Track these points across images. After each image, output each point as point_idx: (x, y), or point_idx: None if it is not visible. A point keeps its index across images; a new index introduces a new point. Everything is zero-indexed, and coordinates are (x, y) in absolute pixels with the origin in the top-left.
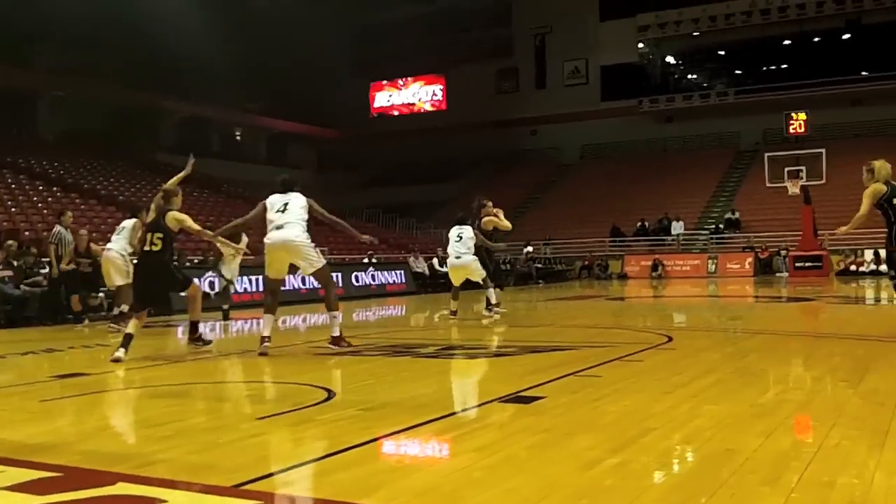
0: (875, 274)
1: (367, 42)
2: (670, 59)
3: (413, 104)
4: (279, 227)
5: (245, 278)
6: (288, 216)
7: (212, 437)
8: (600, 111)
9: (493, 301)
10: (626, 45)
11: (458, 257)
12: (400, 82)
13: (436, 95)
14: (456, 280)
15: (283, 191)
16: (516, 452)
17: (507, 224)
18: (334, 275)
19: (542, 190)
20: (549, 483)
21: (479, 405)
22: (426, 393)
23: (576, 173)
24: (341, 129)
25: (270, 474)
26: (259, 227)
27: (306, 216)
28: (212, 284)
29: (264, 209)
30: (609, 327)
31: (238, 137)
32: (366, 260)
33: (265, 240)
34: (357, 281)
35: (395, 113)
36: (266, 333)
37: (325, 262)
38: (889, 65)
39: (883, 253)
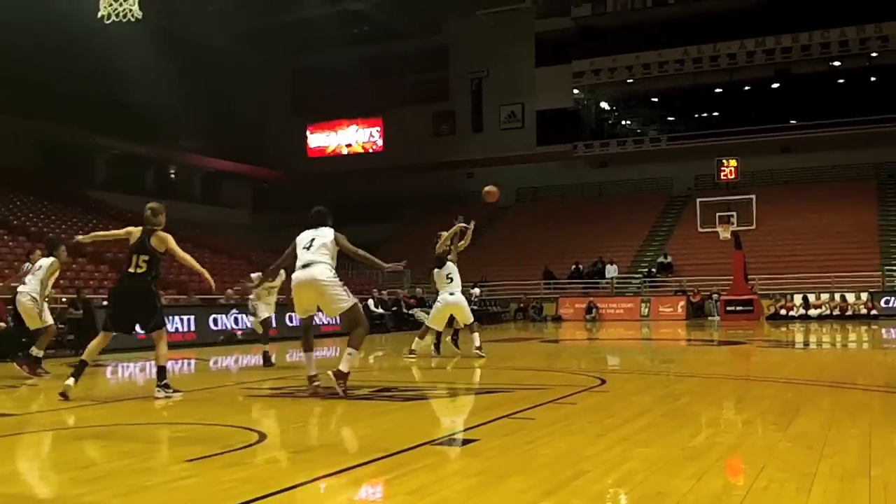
0: (804, 318)
1: (305, 83)
2: (605, 105)
3: (350, 145)
4: (305, 266)
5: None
6: (313, 254)
7: (139, 479)
8: (536, 155)
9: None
10: (562, 91)
11: (451, 294)
12: (337, 124)
13: (373, 137)
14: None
15: (314, 225)
16: (449, 496)
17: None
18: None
19: (478, 232)
20: None
21: (413, 448)
22: (359, 435)
23: (511, 216)
24: (278, 168)
25: None
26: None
27: (334, 252)
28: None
29: (294, 247)
30: (543, 369)
31: (172, 175)
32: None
33: (292, 277)
34: (291, 321)
35: (332, 154)
36: (312, 373)
37: (354, 301)
38: (817, 113)
39: (812, 297)
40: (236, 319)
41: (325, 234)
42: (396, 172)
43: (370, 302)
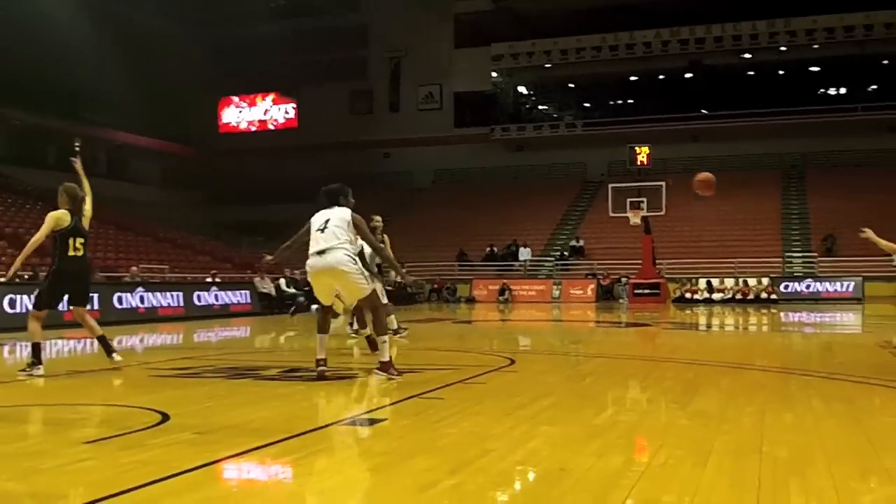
0: (708, 302)
1: (220, 58)
2: (522, 90)
3: (264, 121)
4: (321, 252)
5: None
6: (329, 237)
7: (34, 462)
8: (453, 137)
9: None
10: (480, 74)
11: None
12: (250, 99)
13: (287, 114)
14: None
15: (328, 204)
16: (354, 475)
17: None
18: (175, 294)
19: (394, 213)
20: None
21: (319, 428)
22: (265, 416)
23: (428, 197)
24: (189, 144)
25: (95, 501)
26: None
27: (351, 234)
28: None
29: (308, 228)
30: (454, 350)
31: (77, 149)
32: (209, 279)
33: (307, 264)
34: (199, 300)
35: (245, 130)
36: (321, 356)
37: (373, 286)
38: (727, 104)
39: (716, 282)
40: (141, 298)
41: (342, 215)
42: (312, 151)
43: (282, 281)
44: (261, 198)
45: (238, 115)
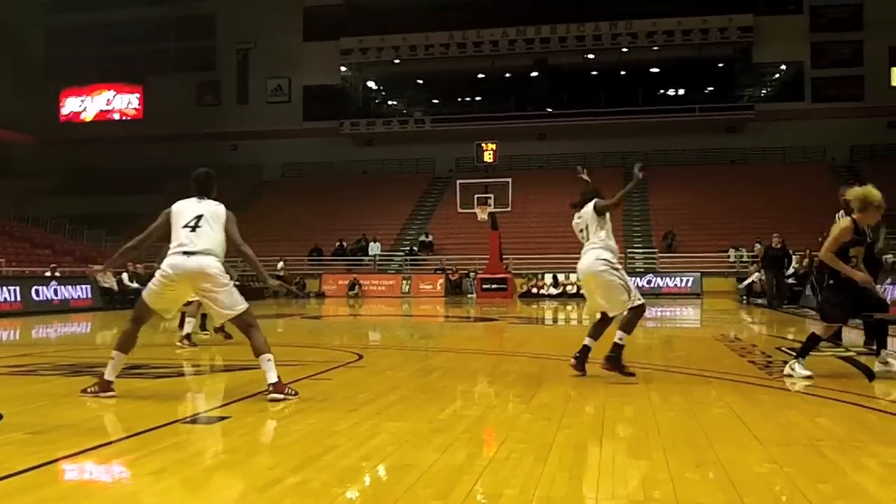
0: (553, 296)
1: (59, 44)
2: (372, 84)
3: (107, 111)
4: (191, 254)
5: None
6: (203, 238)
7: None
8: (302, 130)
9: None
10: (329, 67)
11: None
12: (93, 88)
13: (132, 103)
14: None
15: (198, 195)
16: (194, 475)
17: None
18: (11, 288)
19: (243, 206)
20: None
21: (160, 426)
22: (104, 415)
23: (277, 191)
24: (29, 133)
25: None
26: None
27: (223, 234)
28: None
29: (167, 221)
30: (302, 346)
31: None
32: (48, 273)
33: (169, 264)
34: (38, 295)
35: (88, 119)
36: (111, 377)
37: (246, 305)
38: (571, 103)
39: (561, 277)
40: None
41: (216, 212)
42: (157, 142)
43: (124, 276)
44: (105, 188)
45: (80, 103)
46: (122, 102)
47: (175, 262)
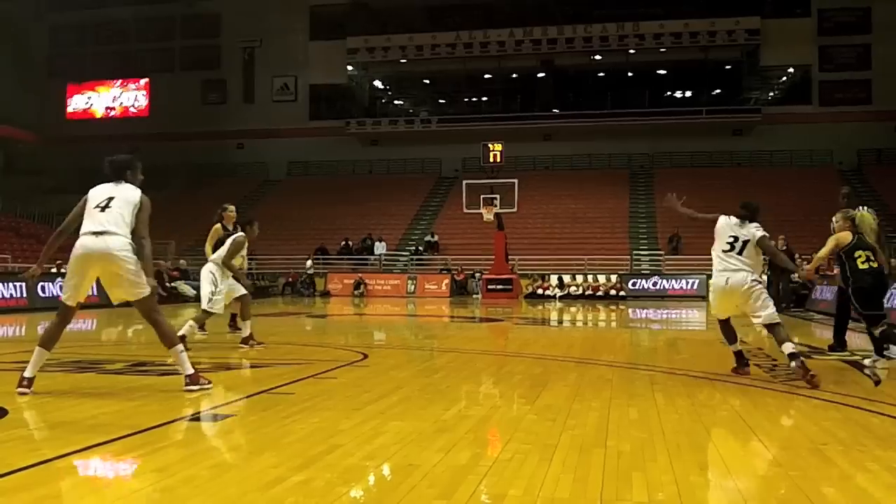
0: (558, 297)
1: (64, 42)
2: (378, 84)
3: (113, 108)
4: (98, 234)
5: None
6: (111, 219)
7: None
8: (308, 129)
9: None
10: (336, 66)
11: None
12: (98, 84)
13: (138, 100)
14: None
15: (113, 178)
16: (197, 473)
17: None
18: (17, 285)
19: (248, 204)
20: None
21: (164, 424)
22: (108, 412)
23: (282, 189)
24: (34, 130)
25: None
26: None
27: (133, 220)
28: None
29: (84, 203)
30: (308, 344)
31: None
32: (54, 270)
33: (78, 245)
34: (43, 292)
35: (94, 117)
36: (30, 374)
37: (150, 288)
38: (577, 104)
39: (567, 278)
40: None
41: (128, 196)
42: (163, 140)
43: None
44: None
45: (87, 101)
46: (129, 100)
47: (82, 242)
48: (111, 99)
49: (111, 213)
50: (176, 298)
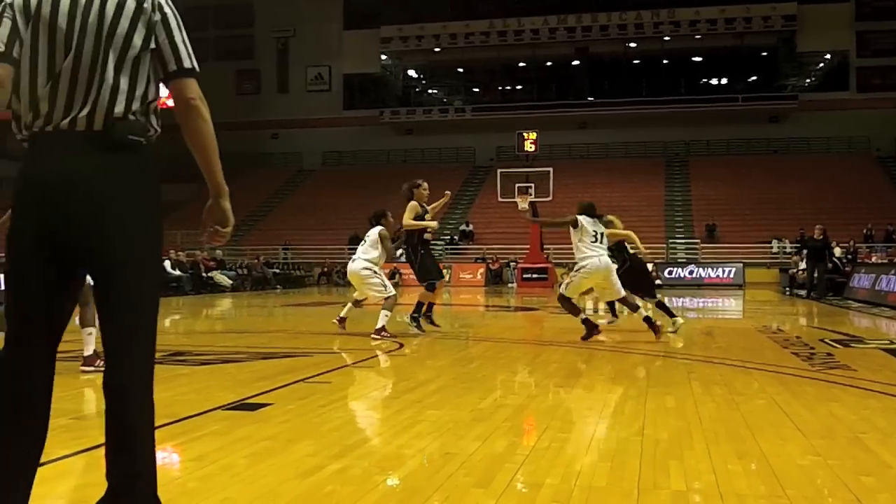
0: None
1: None
2: (412, 73)
3: None
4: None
5: None
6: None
7: None
8: (342, 119)
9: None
10: (369, 56)
11: (353, 260)
12: None
13: None
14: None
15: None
16: (235, 461)
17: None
18: None
19: (283, 194)
20: (266, 492)
21: (202, 413)
22: None
23: (317, 179)
24: None
25: None
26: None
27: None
28: None
29: None
30: (343, 334)
31: None
32: None
33: None
34: None
35: None
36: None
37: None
38: (612, 92)
39: None
40: None
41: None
42: None
43: (167, 263)
44: None
45: None
46: (163, 90)
47: None
48: None
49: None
50: (213, 288)
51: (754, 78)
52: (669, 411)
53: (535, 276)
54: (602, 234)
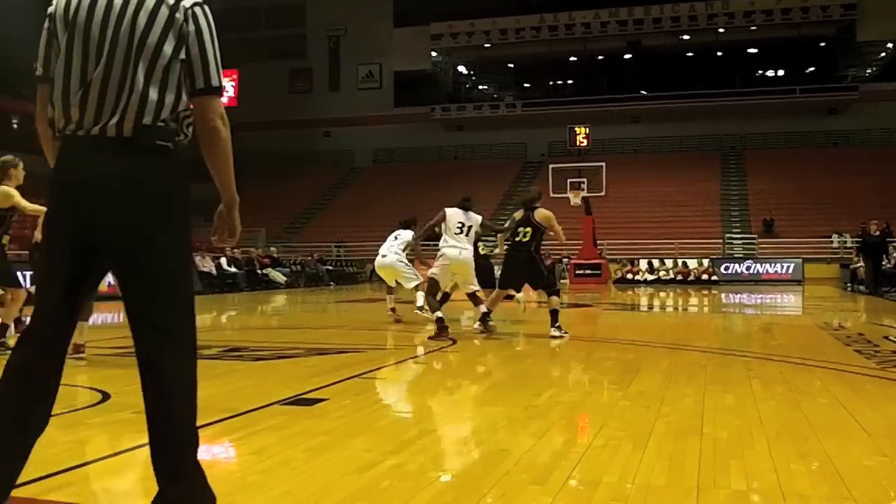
0: (648, 282)
1: None
2: (462, 69)
3: None
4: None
5: None
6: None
7: None
8: (393, 116)
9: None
10: (420, 53)
11: (384, 255)
12: None
13: (227, 91)
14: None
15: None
16: (293, 455)
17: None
18: None
19: (335, 192)
20: (324, 486)
21: (258, 408)
22: (205, 395)
23: (368, 176)
24: None
25: (36, 479)
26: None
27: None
28: None
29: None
30: (397, 330)
31: (15, 126)
32: None
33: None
34: None
35: None
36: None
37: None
38: (665, 85)
39: (656, 263)
40: None
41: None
42: (251, 129)
43: (223, 260)
44: (202, 175)
45: None
46: None
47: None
48: None
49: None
50: (267, 285)
51: (812, 69)
52: (728, 409)
53: (588, 272)
54: (470, 227)
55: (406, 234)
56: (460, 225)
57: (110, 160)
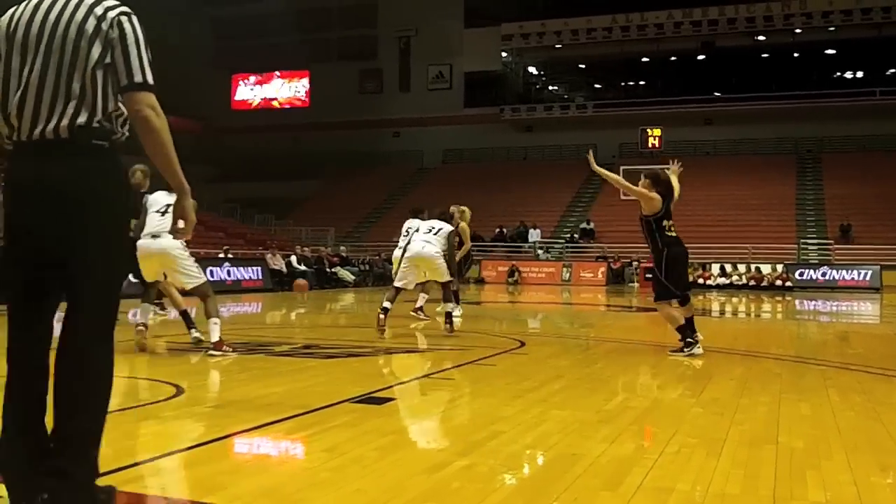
0: (721, 287)
1: (229, 34)
2: (532, 70)
3: (276, 98)
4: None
5: None
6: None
7: None
8: (462, 117)
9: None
10: (490, 53)
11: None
12: (263, 77)
13: (299, 91)
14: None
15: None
16: (364, 454)
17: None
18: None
19: (403, 192)
20: (395, 485)
21: (330, 406)
22: (277, 392)
23: (437, 177)
24: (199, 120)
25: (112, 471)
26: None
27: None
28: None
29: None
30: (464, 331)
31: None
32: (221, 255)
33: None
34: (212, 276)
35: (257, 107)
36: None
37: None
38: (740, 87)
39: (729, 267)
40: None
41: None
42: (321, 129)
43: (293, 258)
44: (272, 174)
45: (251, 92)
46: (290, 90)
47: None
48: (274, 89)
49: (167, 216)
50: (336, 283)
51: (893, 70)
52: (805, 419)
53: None
54: (435, 229)
55: (446, 228)
56: (412, 229)
57: (52, 163)
